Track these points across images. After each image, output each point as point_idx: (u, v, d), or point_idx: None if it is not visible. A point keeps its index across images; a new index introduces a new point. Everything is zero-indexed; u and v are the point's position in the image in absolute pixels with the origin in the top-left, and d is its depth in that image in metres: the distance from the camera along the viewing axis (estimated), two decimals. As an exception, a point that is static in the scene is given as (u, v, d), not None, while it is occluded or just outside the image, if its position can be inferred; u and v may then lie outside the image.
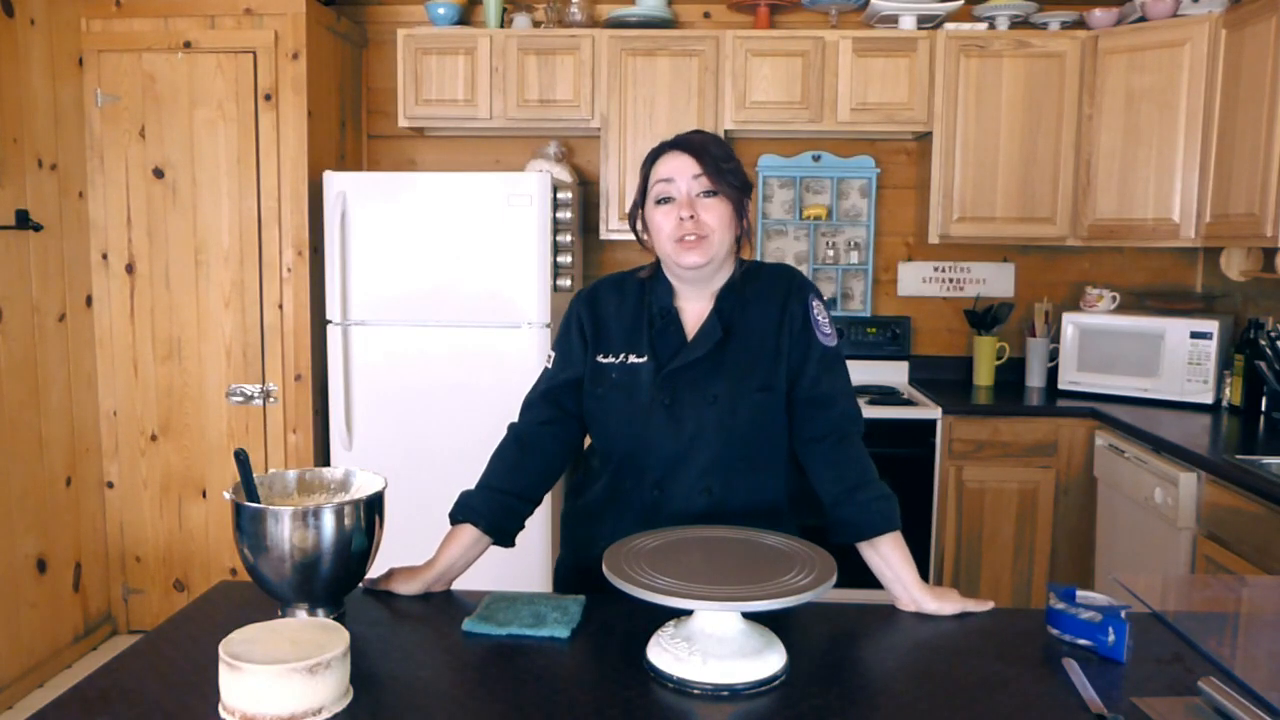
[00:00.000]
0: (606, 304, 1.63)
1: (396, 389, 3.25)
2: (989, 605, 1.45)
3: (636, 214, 1.60)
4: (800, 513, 1.64)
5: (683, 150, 1.52)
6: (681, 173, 1.51)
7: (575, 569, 1.65)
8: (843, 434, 1.55)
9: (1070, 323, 3.52)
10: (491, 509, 1.53)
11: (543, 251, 3.18)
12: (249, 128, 3.31)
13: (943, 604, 1.44)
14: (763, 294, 1.58)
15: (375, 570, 1.44)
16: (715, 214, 1.50)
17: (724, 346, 1.54)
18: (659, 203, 1.53)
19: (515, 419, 1.65)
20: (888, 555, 1.47)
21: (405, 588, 1.49)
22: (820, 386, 1.55)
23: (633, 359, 1.56)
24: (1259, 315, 3.28)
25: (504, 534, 1.54)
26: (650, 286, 1.62)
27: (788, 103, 3.48)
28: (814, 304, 1.58)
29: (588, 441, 1.68)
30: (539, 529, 3.23)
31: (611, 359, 1.57)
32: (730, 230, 1.53)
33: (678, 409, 1.52)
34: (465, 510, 1.53)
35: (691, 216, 1.49)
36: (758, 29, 3.60)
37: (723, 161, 1.51)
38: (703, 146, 1.52)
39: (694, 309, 1.59)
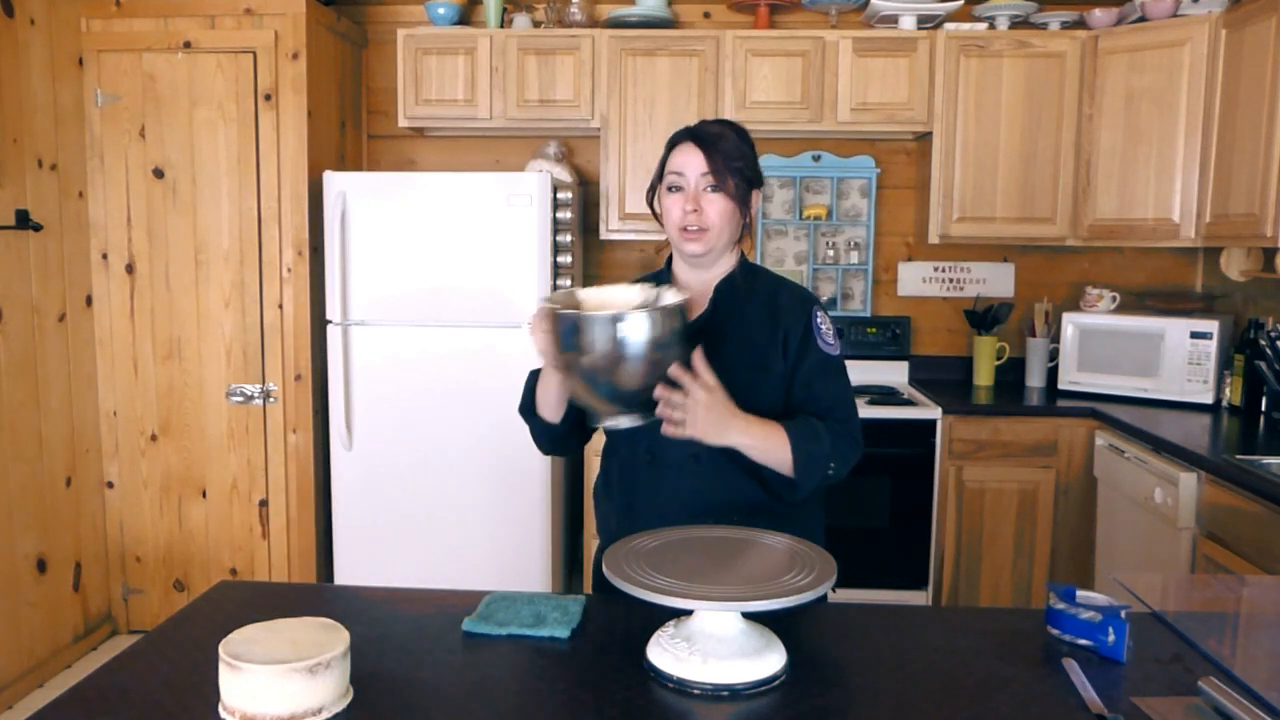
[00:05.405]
0: None
1: (396, 389, 3.25)
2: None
3: (654, 193, 1.69)
4: (826, 512, 1.69)
5: (696, 144, 1.60)
6: (691, 167, 1.60)
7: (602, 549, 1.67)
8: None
9: (1070, 323, 3.52)
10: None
11: (543, 251, 3.18)
12: (249, 128, 3.31)
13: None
14: (765, 291, 1.67)
15: None
16: (717, 209, 1.59)
17: (721, 328, 1.61)
18: (670, 190, 1.62)
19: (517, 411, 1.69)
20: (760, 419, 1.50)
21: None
22: (813, 390, 1.60)
23: None
24: (1259, 315, 3.28)
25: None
26: (660, 277, 1.71)
27: (788, 103, 3.48)
28: (817, 313, 1.65)
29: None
30: (539, 528, 3.23)
31: None
32: (731, 223, 1.62)
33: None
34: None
35: (695, 210, 1.58)
36: (758, 29, 3.60)
37: (732, 159, 1.59)
38: (714, 142, 1.59)
39: (692, 290, 1.67)
